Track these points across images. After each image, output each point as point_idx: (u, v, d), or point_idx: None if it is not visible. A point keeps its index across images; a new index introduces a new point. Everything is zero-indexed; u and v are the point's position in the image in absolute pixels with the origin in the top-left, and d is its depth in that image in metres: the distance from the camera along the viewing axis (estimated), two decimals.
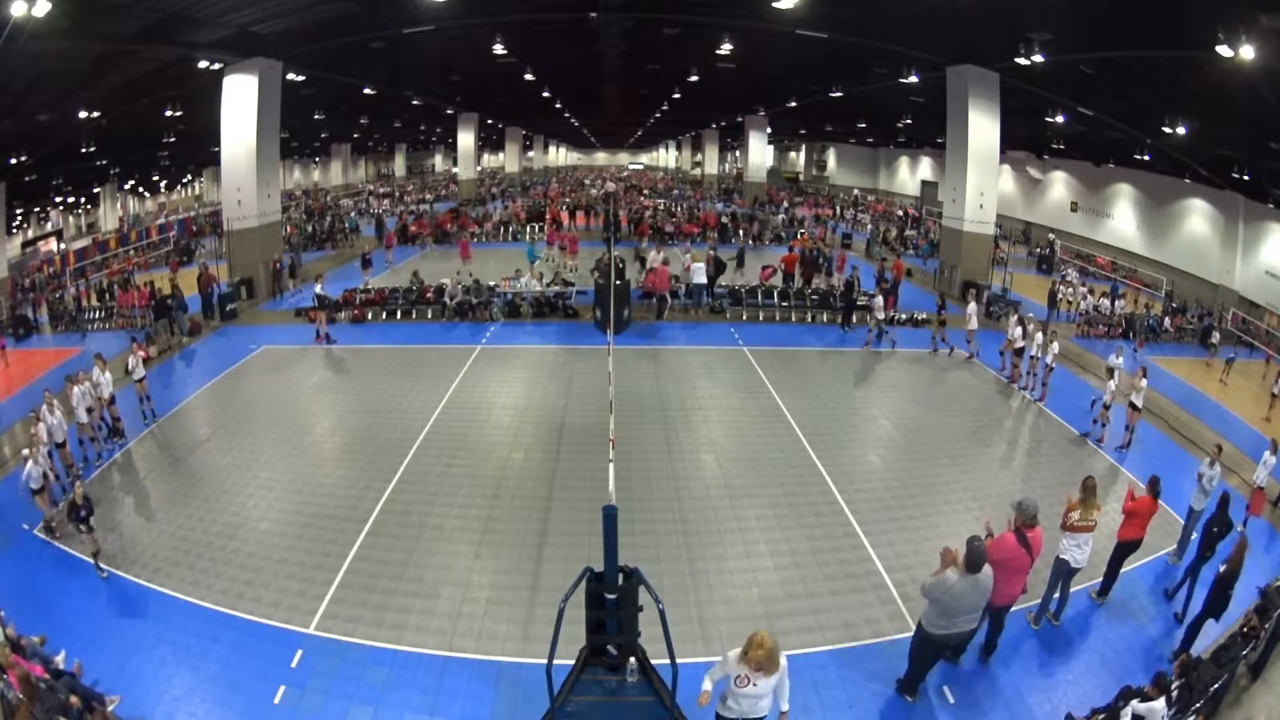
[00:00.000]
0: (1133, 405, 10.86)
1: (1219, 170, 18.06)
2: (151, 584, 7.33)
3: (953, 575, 5.45)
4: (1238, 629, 6.68)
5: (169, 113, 20.02)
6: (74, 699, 5.29)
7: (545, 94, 31.74)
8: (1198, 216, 21.07)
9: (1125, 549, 7.17)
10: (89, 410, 10.28)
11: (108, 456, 10.31)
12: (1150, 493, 7.05)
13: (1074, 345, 16.16)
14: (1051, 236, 27.56)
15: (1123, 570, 7.49)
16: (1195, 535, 7.75)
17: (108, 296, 18.78)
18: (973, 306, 14.90)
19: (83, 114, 18.20)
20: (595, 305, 17.11)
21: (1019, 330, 13.40)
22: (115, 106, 18.69)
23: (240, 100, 18.04)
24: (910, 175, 41.01)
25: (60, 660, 6.04)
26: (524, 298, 17.84)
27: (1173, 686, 5.48)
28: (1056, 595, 6.93)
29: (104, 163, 26.37)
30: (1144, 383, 10.85)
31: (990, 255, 20.47)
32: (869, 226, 31.93)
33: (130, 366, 11.39)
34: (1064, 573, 6.76)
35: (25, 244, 28.25)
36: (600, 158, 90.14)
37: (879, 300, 15.70)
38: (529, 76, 25.28)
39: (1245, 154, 16.64)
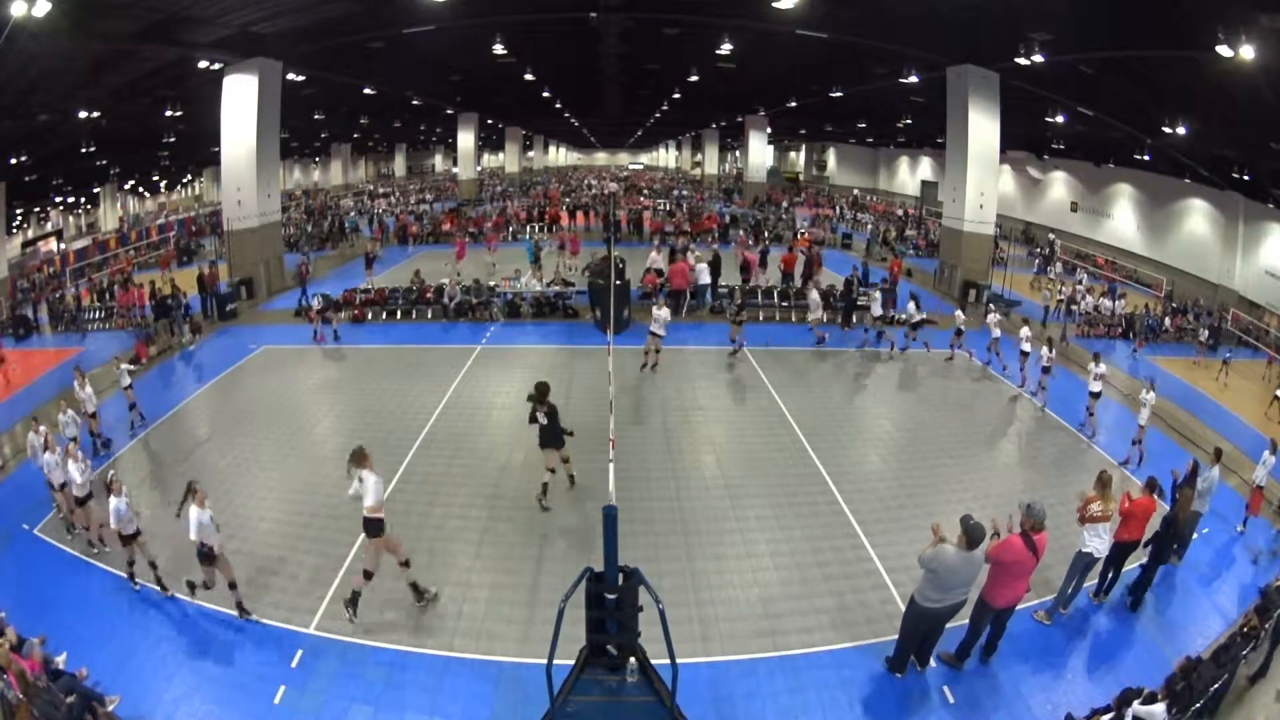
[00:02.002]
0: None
1: (1219, 170, 18.05)
2: (151, 584, 7.33)
3: (950, 549, 5.56)
4: (1238, 629, 6.69)
5: (169, 113, 20.02)
6: (73, 698, 5.29)
7: (545, 94, 31.74)
8: (1198, 216, 21.06)
9: (1124, 549, 7.20)
10: (73, 439, 9.31)
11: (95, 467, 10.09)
12: (1147, 493, 7.07)
13: (1075, 346, 16.17)
14: (1051, 236, 27.57)
15: (1124, 570, 7.52)
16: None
17: (108, 296, 18.79)
18: (993, 317, 14.41)
19: (83, 114, 18.19)
20: (593, 305, 17.10)
21: (959, 314, 14.93)
22: (115, 106, 18.68)
23: (240, 100, 18.05)
24: (910, 175, 41.01)
25: (62, 661, 6.04)
26: (524, 298, 17.84)
27: (1176, 688, 5.48)
28: (1071, 586, 7.01)
29: (104, 163, 26.37)
30: (1151, 396, 10.27)
31: (990, 255, 20.47)
32: (869, 226, 31.93)
33: (116, 375, 11.11)
34: (1085, 565, 6.86)
35: (25, 244, 28.25)
36: (600, 158, 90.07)
37: (877, 295, 15.84)
38: (529, 76, 25.27)
39: (1245, 154, 16.63)
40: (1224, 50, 10.27)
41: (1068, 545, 7.34)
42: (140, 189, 37.42)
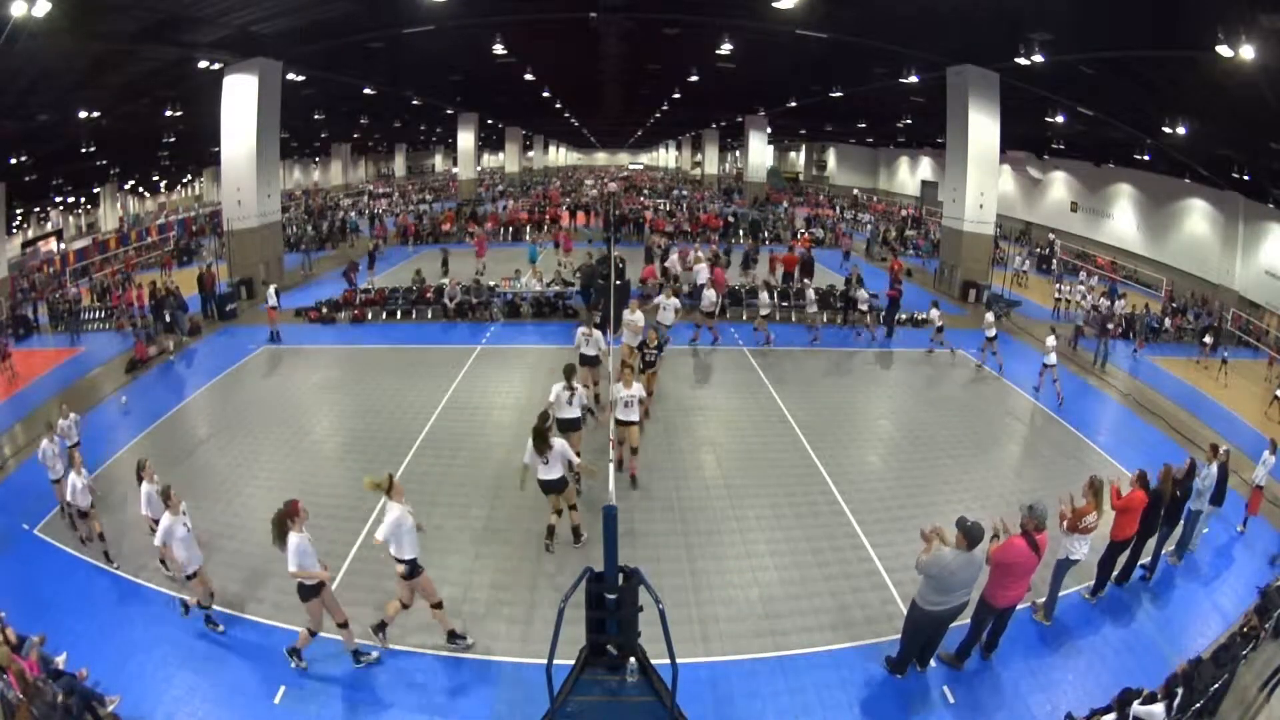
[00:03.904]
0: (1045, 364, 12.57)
1: (1219, 170, 18.06)
2: (152, 584, 7.34)
3: (949, 552, 5.54)
4: (1238, 629, 6.69)
5: (169, 113, 20.04)
6: (73, 699, 5.29)
7: (545, 94, 31.75)
8: (1198, 216, 21.07)
9: (1119, 548, 7.19)
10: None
11: None
12: (1140, 486, 7.04)
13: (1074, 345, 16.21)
14: (1051, 236, 27.59)
15: (1128, 569, 7.53)
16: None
17: (107, 296, 18.79)
18: (990, 316, 14.35)
19: (83, 114, 18.20)
20: (589, 306, 17.04)
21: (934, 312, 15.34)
22: (115, 106, 18.70)
23: (240, 100, 18.06)
24: (910, 175, 41.02)
25: (61, 661, 6.04)
26: (524, 298, 17.84)
27: (1175, 690, 5.48)
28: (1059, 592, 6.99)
29: (104, 163, 26.37)
30: (1052, 339, 12.68)
31: (990, 255, 20.48)
32: (869, 226, 31.95)
33: (63, 428, 8.93)
34: (1067, 568, 6.83)
35: (25, 244, 28.24)
36: (600, 158, 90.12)
37: (863, 294, 16.11)
38: (529, 76, 25.29)
39: (1245, 154, 16.64)
40: (1224, 50, 10.27)
41: None
42: (140, 189, 37.42)
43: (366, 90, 25.07)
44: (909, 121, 30.16)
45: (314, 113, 28.48)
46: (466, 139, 39.91)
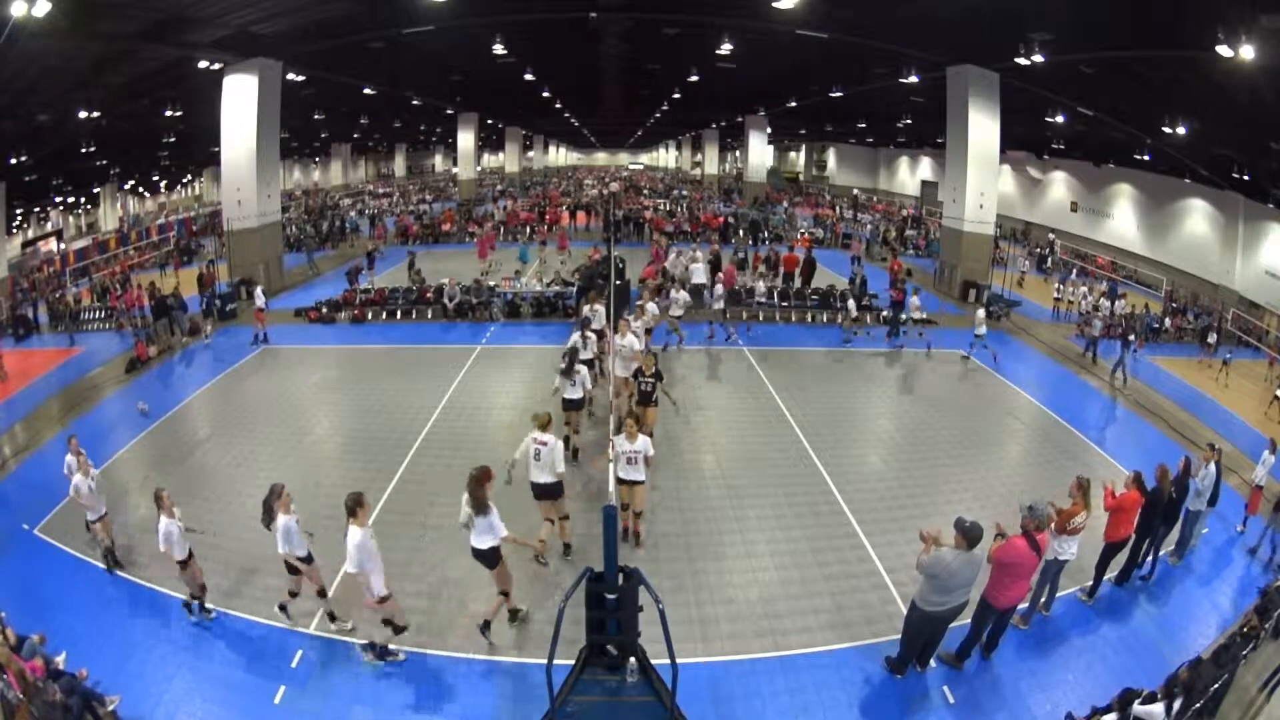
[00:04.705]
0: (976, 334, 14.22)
1: (1219, 170, 18.05)
2: (151, 584, 7.33)
3: (949, 552, 5.55)
4: (1238, 629, 6.69)
5: (169, 113, 20.08)
6: (73, 698, 5.29)
7: (545, 94, 31.76)
8: (1198, 216, 21.06)
9: (1114, 549, 7.18)
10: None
11: None
12: (1135, 487, 7.02)
13: (1075, 345, 16.22)
14: (1051, 236, 27.58)
15: (1128, 570, 7.52)
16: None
17: (107, 297, 18.78)
18: (981, 313, 14.93)
19: (83, 114, 18.20)
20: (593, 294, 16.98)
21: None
22: (115, 106, 18.70)
23: (240, 100, 18.06)
24: (910, 175, 41.00)
25: (62, 661, 6.04)
26: (524, 298, 17.85)
27: (1176, 691, 5.48)
28: (1044, 592, 6.97)
29: (104, 163, 26.39)
30: (980, 314, 14.54)
31: (990, 255, 20.48)
32: (869, 227, 31.93)
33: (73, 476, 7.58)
34: (1057, 570, 6.81)
35: (25, 244, 28.24)
36: (600, 158, 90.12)
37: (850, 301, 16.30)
38: (529, 76, 25.30)
39: (1245, 154, 16.63)
40: (1224, 50, 10.27)
41: None
42: (140, 189, 37.42)
43: (366, 90, 25.09)
44: (909, 121, 30.16)
45: (314, 113, 28.49)
46: (466, 139, 39.90)
